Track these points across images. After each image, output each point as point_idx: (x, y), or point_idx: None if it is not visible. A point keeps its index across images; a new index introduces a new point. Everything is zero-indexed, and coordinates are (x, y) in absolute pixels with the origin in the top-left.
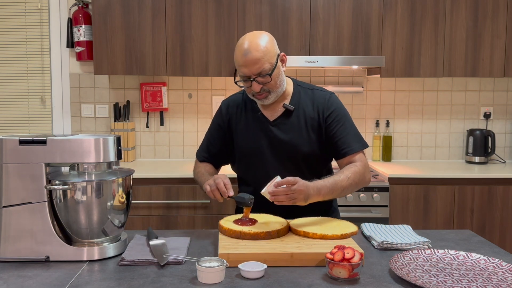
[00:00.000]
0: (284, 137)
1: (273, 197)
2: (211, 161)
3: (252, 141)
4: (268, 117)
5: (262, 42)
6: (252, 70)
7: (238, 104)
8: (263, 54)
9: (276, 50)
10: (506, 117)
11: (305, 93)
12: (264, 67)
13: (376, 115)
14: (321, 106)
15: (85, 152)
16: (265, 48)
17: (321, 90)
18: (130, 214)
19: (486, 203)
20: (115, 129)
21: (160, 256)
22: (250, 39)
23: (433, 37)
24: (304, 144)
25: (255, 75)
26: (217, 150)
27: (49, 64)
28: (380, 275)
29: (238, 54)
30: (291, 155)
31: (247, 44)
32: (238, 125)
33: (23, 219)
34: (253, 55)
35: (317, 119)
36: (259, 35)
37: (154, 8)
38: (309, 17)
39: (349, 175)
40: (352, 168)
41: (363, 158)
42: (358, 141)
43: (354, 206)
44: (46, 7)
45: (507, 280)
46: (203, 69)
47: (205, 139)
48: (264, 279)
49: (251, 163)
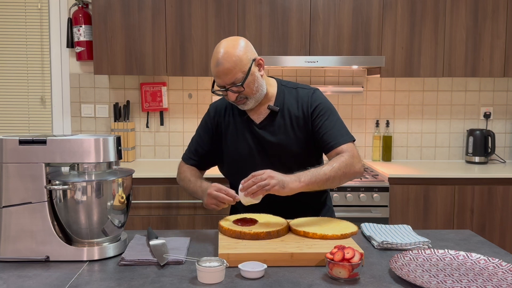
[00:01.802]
0: (272, 139)
1: (246, 193)
2: (198, 164)
3: (241, 145)
4: (254, 120)
5: (234, 51)
6: (225, 80)
7: (226, 107)
8: (234, 65)
9: (250, 56)
10: (506, 117)
11: (289, 93)
12: (237, 76)
13: (376, 115)
14: (305, 103)
15: (85, 152)
16: (236, 58)
17: (304, 88)
18: (130, 214)
19: (486, 203)
20: (115, 129)
21: (160, 256)
22: (222, 49)
23: (433, 37)
24: (292, 144)
25: (228, 85)
26: (205, 153)
27: (49, 64)
28: (380, 275)
29: (212, 64)
30: (280, 156)
31: (220, 54)
32: (226, 129)
33: (23, 219)
34: (225, 66)
35: (302, 117)
36: (232, 43)
37: (154, 8)
38: (309, 17)
39: (334, 165)
40: (338, 158)
41: (351, 148)
42: (344, 134)
43: (354, 206)
44: (46, 7)
45: (507, 280)
46: (203, 69)
47: (194, 142)
48: (264, 279)
49: (240, 166)
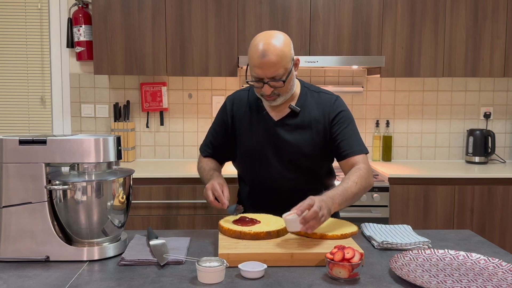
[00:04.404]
0: (288, 138)
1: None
2: (214, 156)
3: (255, 140)
4: (273, 117)
5: (281, 45)
6: (266, 73)
7: (243, 101)
8: (279, 59)
9: (292, 54)
10: (506, 117)
11: (311, 96)
12: (279, 72)
13: (376, 115)
14: (327, 109)
15: (85, 152)
16: (282, 52)
17: (327, 93)
18: (130, 214)
19: (486, 203)
20: (115, 129)
21: (160, 256)
22: (268, 40)
23: (433, 37)
24: (307, 145)
25: (268, 78)
26: (220, 146)
27: (49, 64)
28: (380, 275)
29: (254, 54)
30: (293, 155)
31: (265, 45)
32: (241, 123)
33: (23, 219)
34: (270, 58)
35: (322, 122)
36: (278, 36)
37: (154, 8)
38: (309, 17)
39: (356, 180)
40: (357, 172)
41: (366, 161)
42: (360, 145)
43: (354, 206)
44: (46, 7)
45: (507, 280)
46: (203, 69)
47: (209, 134)
48: (264, 279)
49: (252, 162)
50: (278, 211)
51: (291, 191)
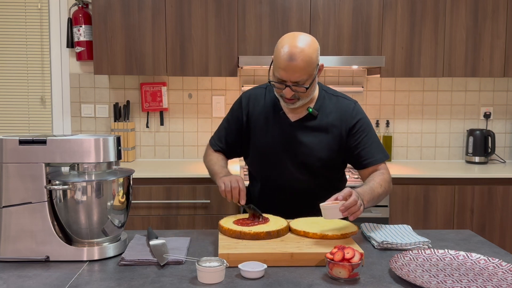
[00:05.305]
0: (303, 139)
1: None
2: (225, 151)
3: (270, 140)
4: (290, 118)
5: (310, 51)
6: (291, 77)
7: (260, 99)
8: (306, 65)
9: (318, 60)
10: (506, 117)
11: (329, 99)
12: (303, 77)
13: (376, 115)
14: (346, 114)
15: (85, 152)
16: (310, 59)
17: (345, 98)
18: (130, 214)
19: (486, 203)
20: (115, 129)
21: (160, 256)
22: (297, 43)
23: (433, 37)
24: (322, 149)
25: (292, 82)
26: (232, 142)
27: (49, 64)
28: (380, 275)
29: (281, 55)
30: (307, 158)
31: (294, 48)
32: (257, 121)
33: (23, 219)
34: (298, 63)
35: (339, 127)
36: (307, 40)
37: (154, 8)
38: (309, 17)
39: (381, 183)
40: (381, 176)
41: (387, 168)
42: (381, 152)
43: None
44: (46, 7)
45: (507, 280)
46: (203, 69)
47: (221, 129)
48: (264, 279)
49: (264, 161)
50: (286, 211)
51: (302, 193)
